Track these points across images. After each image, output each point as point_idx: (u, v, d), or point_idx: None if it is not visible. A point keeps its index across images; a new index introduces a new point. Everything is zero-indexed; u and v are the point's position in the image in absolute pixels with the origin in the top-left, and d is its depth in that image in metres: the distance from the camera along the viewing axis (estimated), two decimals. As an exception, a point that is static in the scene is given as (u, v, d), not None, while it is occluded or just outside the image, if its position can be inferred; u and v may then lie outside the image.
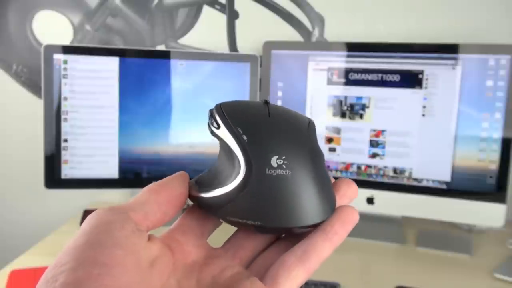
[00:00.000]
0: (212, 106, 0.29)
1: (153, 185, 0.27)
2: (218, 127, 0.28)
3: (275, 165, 0.26)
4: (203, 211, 0.28)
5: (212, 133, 0.29)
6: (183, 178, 0.28)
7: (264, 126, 0.27)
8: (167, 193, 0.27)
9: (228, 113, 0.28)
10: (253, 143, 0.27)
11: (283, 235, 0.29)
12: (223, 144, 0.28)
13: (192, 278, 0.26)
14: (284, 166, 0.26)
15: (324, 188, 0.27)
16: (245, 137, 0.27)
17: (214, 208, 0.27)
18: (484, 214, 0.91)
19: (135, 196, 0.26)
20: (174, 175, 0.28)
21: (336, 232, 0.26)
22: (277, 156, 0.26)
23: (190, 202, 0.29)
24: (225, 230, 0.30)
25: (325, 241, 0.26)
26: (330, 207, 0.27)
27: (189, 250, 0.27)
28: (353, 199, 0.29)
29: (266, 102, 0.29)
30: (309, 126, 0.29)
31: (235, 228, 0.29)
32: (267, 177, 0.26)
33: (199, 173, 0.30)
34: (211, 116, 0.28)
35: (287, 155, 0.26)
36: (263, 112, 0.28)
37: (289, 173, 0.26)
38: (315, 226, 0.27)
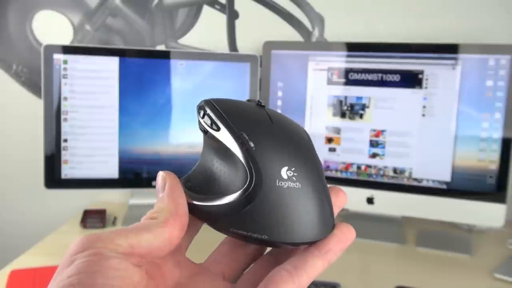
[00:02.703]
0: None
1: (155, 213, 0.24)
2: (218, 129, 0.26)
3: (285, 176, 0.25)
4: (199, 220, 0.27)
5: (205, 132, 0.26)
6: (180, 189, 0.26)
7: (269, 133, 0.26)
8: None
9: (226, 114, 0.26)
10: (261, 152, 0.25)
11: (268, 251, 0.28)
12: (220, 147, 0.26)
13: None
14: (294, 178, 0.25)
15: (329, 201, 0.26)
16: (252, 144, 0.25)
17: (214, 218, 0.25)
18: (484, 214, 0.91)
19: (138, 223, 0.24)
20: (172, 188, 0.26)
21: (330, 249, 0.25)
22: (287, 167, 0.25)
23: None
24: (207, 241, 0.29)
25: (317, 258, 0.25)
26: (333, 221, 0.26)
27: (170, 271, 0.25)
28: (341, 207, 0.28)
29: (261, 105, 0.27)
30: (307, 134, 0.28)
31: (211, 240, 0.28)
32: (277, 189, 0.24)
33: None
34: (205, 115, 0.26)
35: (296, 166, 0.25)
36: (264, 116, 0.27)
37: (299, 186, 0.25)
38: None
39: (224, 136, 0.25)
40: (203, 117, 0.26)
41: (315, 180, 0.26)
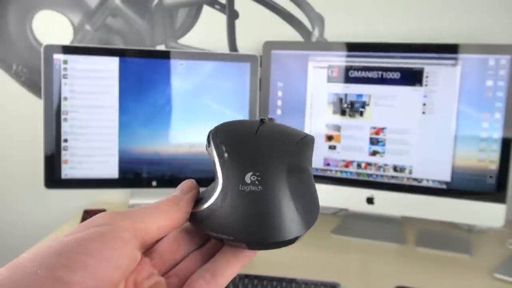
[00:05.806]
0: (212, 106, 0.30)
1: (164, 205, 0.27)
2: (209, 145, 0.29)
3: (248, 181, 0.27)
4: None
5: (208, 151, 0.30)
6: (194, 197, 0.29)
7: (247, 144, 0.28)
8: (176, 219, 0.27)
9: (220, 132, 0.29)
10: (232, 160, 0.27)
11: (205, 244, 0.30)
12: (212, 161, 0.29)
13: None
14: (257, 182, 0.27)
15: (299, 204, 0.27)
16: (226, 155, 0.28)
17: (197, 222, 0.28)
18: (484, 214, 0.91)
19: (148, 207, 0.27)
20: (190, 192, 0.29)
21: (245, 254, 0.28)
22: (251, 173, 0.27)
23: None
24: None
25: (236, 260, 0.27)
26: (305, 224, 0.27)
27: None
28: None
29: (262, 120, 0.30)
30: (301, 141, 0.29)
31: None
32: (240, 193, 0.26)
33: (199, 173, 0.31)
34: (208, 134, 0.30)
35: (262, 171, 0.27)
36: (252, 129, 0.29)
37: (261, 189, 0.26)
38: (290, 243, 0.27)
39: (211, 150, 0.29)
40: (207, 138, 0.30)
41: (281, 182, 0.27)
